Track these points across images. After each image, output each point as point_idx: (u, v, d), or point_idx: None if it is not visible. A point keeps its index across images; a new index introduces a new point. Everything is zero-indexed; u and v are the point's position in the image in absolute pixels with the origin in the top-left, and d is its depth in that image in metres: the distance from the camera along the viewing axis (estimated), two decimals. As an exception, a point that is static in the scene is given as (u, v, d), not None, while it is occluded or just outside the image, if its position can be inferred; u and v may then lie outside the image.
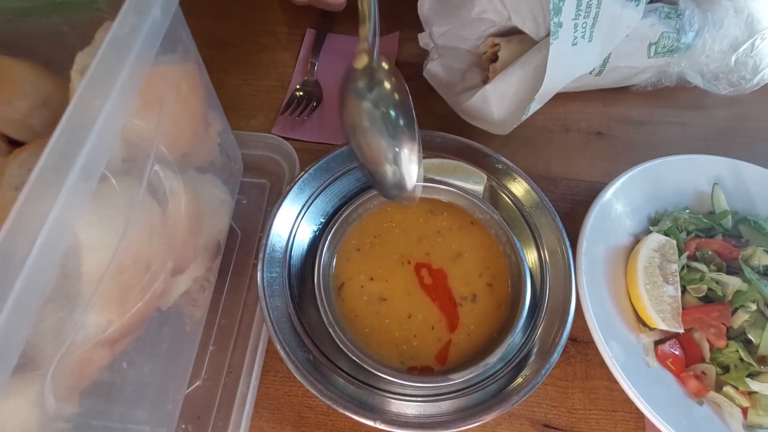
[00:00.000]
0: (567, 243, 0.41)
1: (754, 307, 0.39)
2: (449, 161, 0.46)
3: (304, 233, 0.43)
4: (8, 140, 0.30)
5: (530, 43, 0.49)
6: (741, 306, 0.39)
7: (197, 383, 0.39)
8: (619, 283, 0.42)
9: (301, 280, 0.41)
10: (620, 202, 0.45)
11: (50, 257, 0.19)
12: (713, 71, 0.55)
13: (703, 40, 0.52)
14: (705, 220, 0.45)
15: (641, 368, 0.39)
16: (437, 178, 0.45)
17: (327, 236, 0.41)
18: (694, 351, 0.40)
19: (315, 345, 0.38)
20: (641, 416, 0.40)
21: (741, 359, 0.38)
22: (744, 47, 0.53)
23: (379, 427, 0.34)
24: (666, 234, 0.43)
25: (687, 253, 0.42)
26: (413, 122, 0.31)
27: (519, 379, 0.37)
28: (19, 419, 0.22)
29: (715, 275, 0.41)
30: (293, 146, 0.50)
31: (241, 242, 0.45)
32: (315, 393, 0.35)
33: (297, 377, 0.35)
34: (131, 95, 0.23)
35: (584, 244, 0.41)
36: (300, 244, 0.43)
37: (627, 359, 0.38)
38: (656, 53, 0.52)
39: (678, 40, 0.51)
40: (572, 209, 0.50)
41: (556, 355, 0.37)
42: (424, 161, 0.46)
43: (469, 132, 0.49)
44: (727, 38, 0.53)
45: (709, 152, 0.49)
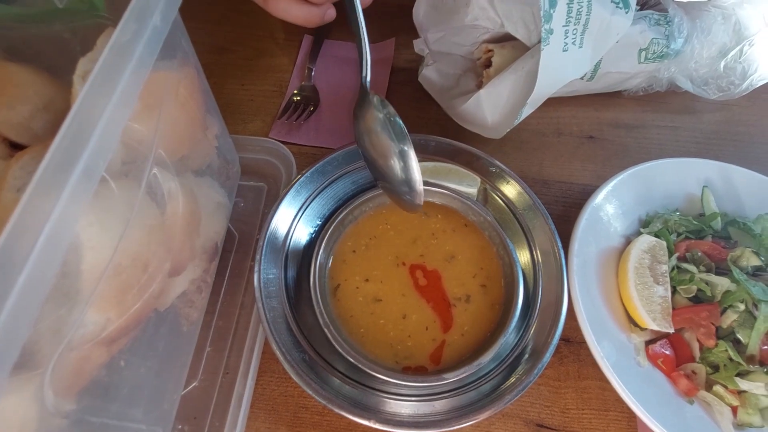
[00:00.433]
0: (559, 244, 0.42)
1: (743, 307, 0.39)
2: (443, 164, 0.47)
3: (301, 235, 0.44)
4: (10, 144, 0.30)
5: (523, 49, 0.50)
6: (730, 306, 0.40)
7: (194, 384, 0.39)
8: (611, 284, 0.43)
9: (298, 282, 0.42)
10: (611, 205, 0.46)
11: (51, 257, 0.19)
12: (703, 76, 0.56)
13: (692, 46, 0.53)
14: (695, 222, 0.46)
15: (632, 368, 0.39)
16: (432, 181, 0.46)
17: (323, 238, 0.42)
18: (685, 351, 0.40)
19: (311, 346, 0.38)
20: (633, 416, 0.40)
21: (730, 359, 0.39)
22: (732, 53, 0.55)
23: (374, 427, 0.35)
24: (656, 236, 0.44)
25: (677, 254, 0.43)
26: (410, 140, 0.38)
27: (512, 379, 0.37)
28: (19, 416, 0.22)
29: (705, 276, 0.41)
30: (290, 150, 0.50)
31: (239, 244, 0.46)
32: (311, 393, 0.35)
33: (293, 377, 0.36)
34: (131, 100, 0.24)
35: (576, 246, 0.42)
36: (296, 246, 0.43)
37: (618, 359, 0.38)
38: (646, 59, 0.53)
39: (667, 46, 0.52)
40: (565, 211, 0.50)
41: (549, 355, 0.37)
42: (419, 164, 0.47)
43: (464, 136, 0.50)
44: (716, 44, 0.54)
45: (700, 155, 0.50)
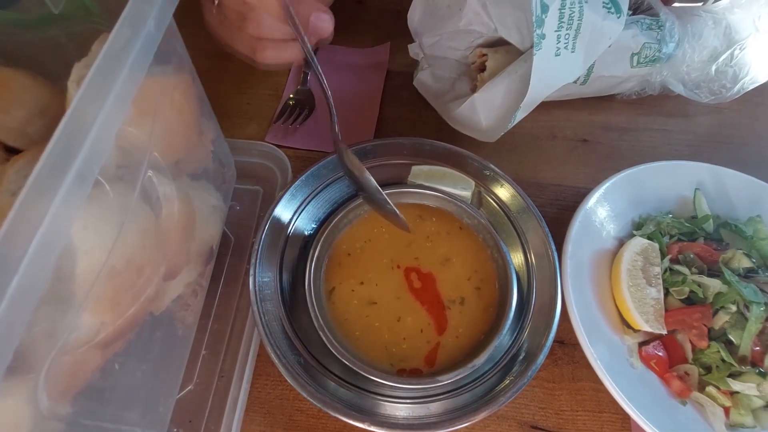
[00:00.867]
0: (553, 247, 0.42)
1: (734, 309, 0.40)
2: (438, 168, 0.47)
3: (296, 239, 0.44)
4: (6, 148, 0.31)
5: (516, 54, 0.51)
6: (722, 307, 0.40)
7: (189, 387, 0.39)
8: (604, 286, 0.43)
9: (293, 285, 0.42)
10: (605, 207, 0.46)
11: (45, 260, 0.19)
12: (695, 80, 0.57)
13: (684, 51, 0.54)
14: (687, 225, 0.46)
15: (626, 369, 0.39)
16: (426, 184, 0.46)
17: (318, 241, 0.42)
18: (678, 352, 0.41)
19: (306, 348, 0.39)
20: (627, 417, 0.40)
21: (722, 360, 0.39)
22: (723, 57, 0.55)
23: (370, 429, 0.35)
24: (649, 238, 0.44)
25: (669, 257, 0.43)
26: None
27: (506, 381, 0.37)
28: (13, 419, 0.22)
29: (697, 278, 0.42)
30: (286, 153, 0.51)
31: (234, 248, 0.46)
32: (306, 395, 0.35)
33: (288, 380, 0.36)
34: (125, 105, 0.24)
35: (569, 248, 0.42)
36: (292, 250, 0.43)
37: (612, 360, 0.38)
38: (639, 63, 0.53)
39: (659, 51, 0.53)
40: (559, 214, 0.51)
41: (542, 357, 0.37)
42: (414, 167, 0.48)
43: (459, 139, 0.50)
44: (707, 48, 0.55)
45: (692, 158, 0.51)
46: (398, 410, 0.37)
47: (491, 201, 0.46)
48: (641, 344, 0.41)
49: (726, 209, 0.48)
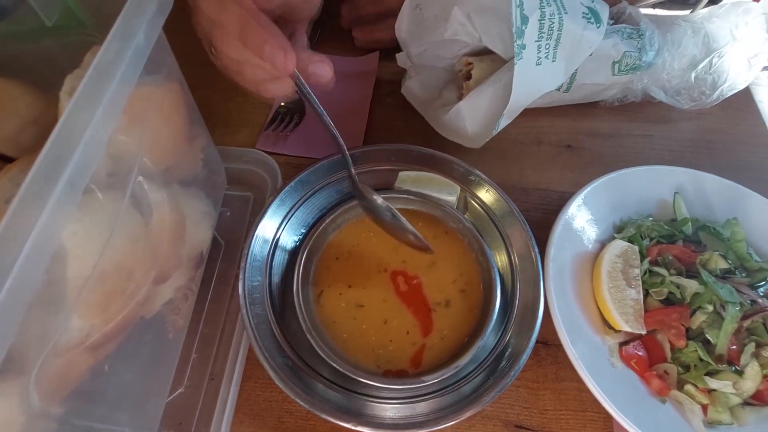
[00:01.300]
0: (536, 250, 0.43)
1: (711, 309, 0.41)
2: (425, 174, 0.48)
3: (286, 243, 0.45)
4: (0, 157, 0.32)
5: (501, 63, 0.52)
6: (699, 307, 0.41)
7: (179, 390, 0.40)
8: (586, 288, 0.44)
9: (282, 289, 0.43)
10: (586, 211, 0.48)
11: (36, 264, 0.20)
12: (675, 87, 0.58)
13: (664, 59, 0.55)
14: (667, 227, 0.47)
15: (607, 369, 0.40)
16: (413, 190, 0.47)
17: (307, 246, 0.43)
18: (657, 351, 0.42)
19: (294, 351, 0.39)
20: (609, 416, 0.41)
21: (700, 359, 0.40)
22: (702, 65, 0.57)
23: (357, 430, 0.35)
24: (630, 241, 0.46)
25: (649, 259, 0.45)
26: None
27: (490, 381, 0.38)
28: (4, 418, 0.23)
29: (675, 279, 0.43)
30: (276, 160, 0.52)
31: (225, 253, 0.47)
32: (294, 397, 0.36)
33: (276, 382, 0.37)
34: (115, 114, 0.25)
35: (552, 251, 0.43)
36: (281, 254, 0.44)
37: (593, 360, 0.39)
38: (620, 71, 0.55)
39: (640, 59, 0.54)
40: (544, 218, 0.52)
41: (526, 357, 0.38)
42: (402, 173, 0.49)
43: (446, 146, 0.51)
44: (686, 56, 0.56)
45: (674, 163, 0.52)
46: (385, 410, 0.38)
47: (476, 205, 0.47)
48: (622, 344, 0.42)
49: (704, 212, 0.50)
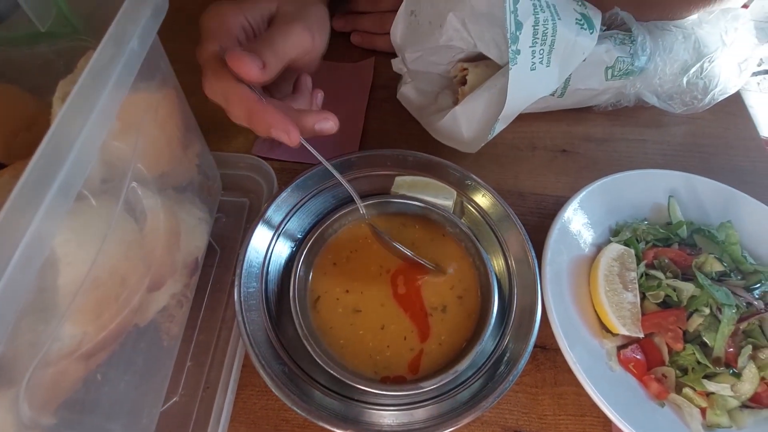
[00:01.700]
0: (533, 254, 0.43)
1: (708, 311, 0.41)
2: (421, 178, 0.48)
3: (282, 249, 0.44)
4: (-8, 163, 0.31)
5: (496, 68, 0.52)
6: (696, 310, 0.41)
7: (174, 399, 0.39)
8: (583, 292, 0.44)
9: (278, 295, 0.43)
10: (582, 215, 0.48)
11: (27, 271, 0.20)
12: (667, 92, 0.59)
13: (656, 64, 0.56)
14: (662, 231, 0.48)
15: (605, 373, 0.40)
16: (409, 194, 0.47)
17: (303, 251, 0.43)
18: (655, 355, 0.42)
19: (291, 358, 0.39)
20: (609, 420, 0.41)
21: (698, 361, 0.40)
22: (693, 70, 0.58)
23: (354, 437, 0.35)
24: (626, 244, 0.46)
25: (645, 262, 0.45)
26: None
27: (489, 386, 0.38)
28: (-7, 429, 0.22)
29: (671, 282, 0.43)
30: (272, 166, 0.51)
31: (220, 259, 0.47)
32: (290, 405, 0.36)
33: (273, 390, 0.36)
34: (109, 120, 0.25)
35: (548, 255, 0.43)
36: (277, 260, 0.44)
37: (591, 364, 0.39)
38: (613, 76, 0.55)
39: (632, 64, 0.55)
40: (540, 222, 0.52)
41: (524, 362, 0.38)
42: (398, 178, 0.49)
43: (442, 151, 0.51)
44: (678, 62, 0.57)
45: (667, 167, 0.53)
46: (383, 417, 0.37)
47: (472, 210, 0.47)
48: (619, 348, 0.42)
49: (699, 215, 0.50)
